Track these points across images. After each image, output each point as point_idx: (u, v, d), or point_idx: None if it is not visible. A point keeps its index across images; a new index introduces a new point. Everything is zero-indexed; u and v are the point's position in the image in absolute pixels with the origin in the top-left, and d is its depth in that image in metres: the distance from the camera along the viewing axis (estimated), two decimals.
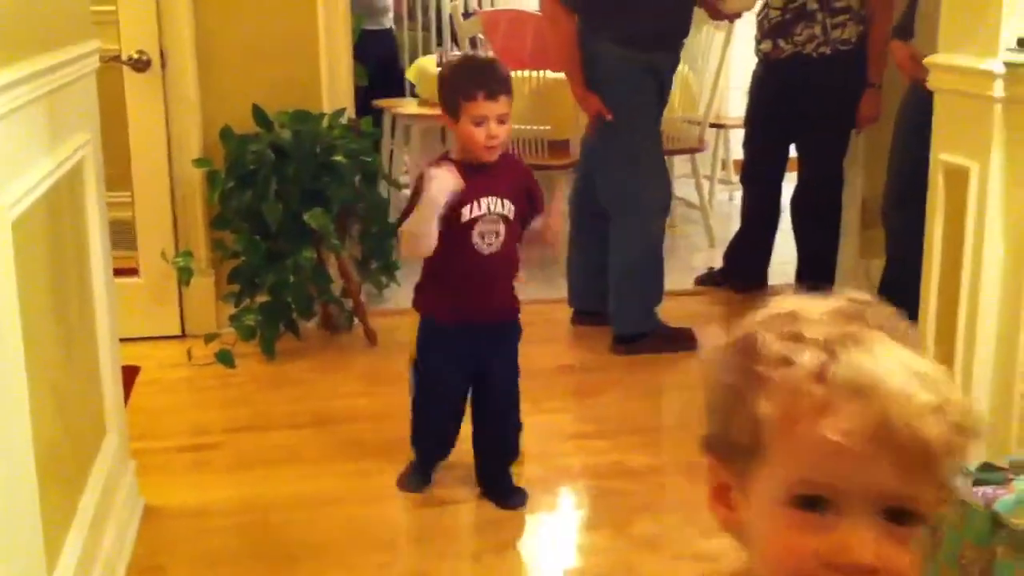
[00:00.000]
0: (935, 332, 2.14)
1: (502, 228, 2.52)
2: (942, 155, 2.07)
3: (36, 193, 1.81)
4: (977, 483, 1.78)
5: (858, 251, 4.34)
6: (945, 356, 2.10)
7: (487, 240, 2.52)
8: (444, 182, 2.41)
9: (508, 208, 2.53)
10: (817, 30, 3.88)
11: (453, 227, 2.48)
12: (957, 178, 2.03)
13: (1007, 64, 1.89)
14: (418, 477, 2.79)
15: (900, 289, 3.90)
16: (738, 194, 5.74)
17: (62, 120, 2.06)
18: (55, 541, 1.84)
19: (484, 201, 2.50)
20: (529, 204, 2.61)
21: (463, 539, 2.66)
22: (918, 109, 3.67)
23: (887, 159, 3.84)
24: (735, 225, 4.65)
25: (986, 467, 1.84)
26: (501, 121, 2.45)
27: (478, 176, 2.49)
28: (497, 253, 2.54)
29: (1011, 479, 1.70)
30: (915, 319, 3.91)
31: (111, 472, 2.34)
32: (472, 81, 2.46)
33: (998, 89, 1.91)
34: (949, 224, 2.08)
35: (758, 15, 4.05)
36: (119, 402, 2.51)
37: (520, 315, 2.70)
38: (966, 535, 1.69)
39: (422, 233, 2.44)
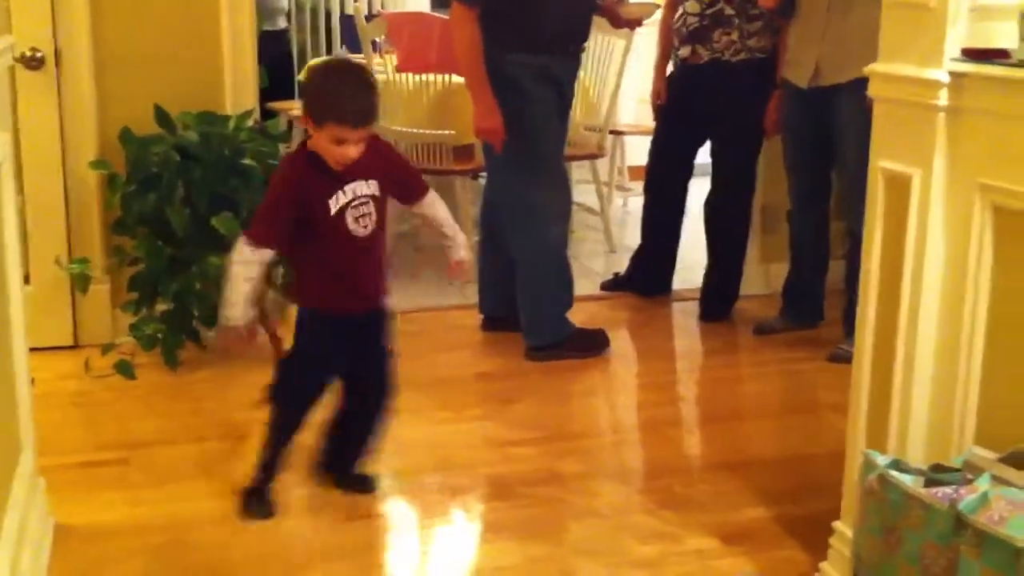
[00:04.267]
0: (874, 337, 2.18)
1: (372, 207, 2.52)
2: (882, 162, 2.11)
3: None
4: (931, 483, 1.82)
5: (759, 255, 4.43)
6: (885, 359, 2.14)
7: (363, 223, 2.52)
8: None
9: (373, 187, 2.53)
10: (735, 35, 3.95)
11: (324, 220, 2.48)
12: (898, 185, 2.08)
13: (952, 74, 1.94)
14: (263, 502, 2.67)
15: (804, 291, 4.04)
16: (632, 200, 5.82)
17: None
18: None
19: (349, 187, 2.49)
20: (395, 183, 2.60)
21: (392, 553, 2.60)
22: (799, 112, 3.78)
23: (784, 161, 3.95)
24: (631, 230, 4.69)
25: (937, 468, 1.88)
26: (360, 141, 2.45)
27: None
28: (372, 234, 2.54)
29: (971, 479, 1.74)
30: (819, 319, 4.04)
31: (27, 491, 2.21)
32: (344, 105, 2.41)
33: (943, 98, 1.95)
34: (889, 230, 2.12)
35: (675, 22, 4.10)
36: (31, 416, 2.37)
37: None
38: (928, 535, 1.72)
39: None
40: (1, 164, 2.08)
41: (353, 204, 2.50)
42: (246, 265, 2.50)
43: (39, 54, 3.53)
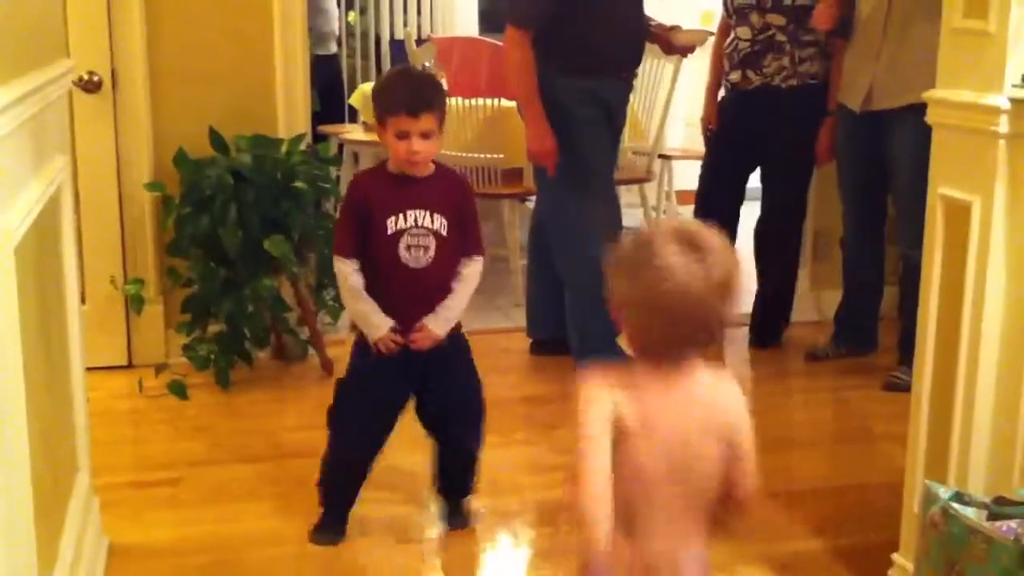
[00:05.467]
0: (933, 366, 2.15)
1: (432, 242, 2.47)
2: (942, 189, 2.09)
3: (30, 219, 1.72)
4: (995, 517, 1.79)
5: (810, 282, 4.39)
6: (945, 390, 2.10)
7: (414, 254, 2.47)
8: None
9: (439, 223, 2.48)
10: (786, 61, 3.93)
11: (379, 239, 2.46)
12: (958, 213, 2.05)
13: (1012, 100, 1.91)
14: (330, 530, 2.67)
15: (857, 318, 4.00)
16: None
17: (45, 142, 1.97)
18: None
19: (411, 213, 2.46)
20: (458, 229, 2.52)
21: None
22: (853, 136, 3.75)
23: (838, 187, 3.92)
24: None
25: (1000, 500, 1.85)
26: (425, 136, 2.42)
27: (408, 187, 2.48)
28: (428, 268, 2.48)
29: None
30: (872, 346, 3.99)
31: (82, 511, 2.23)
32: (397, 95, 2.44)
33: (1003, 125, 1.93)
34: (948, 258, 2.09)
35: (726, 47, 4.09)
36: (87, 436, 2.39)
37: (462, 329, 2.63)
38: (991, 570, 1.69)
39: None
40: (60, 186, 2.11)
41: (410, 231, 2.46)
42: (349, 276, 2.50)
43: (96, 77, 3.59)
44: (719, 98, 4.24)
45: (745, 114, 4.05)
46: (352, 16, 6.72)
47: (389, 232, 2.46)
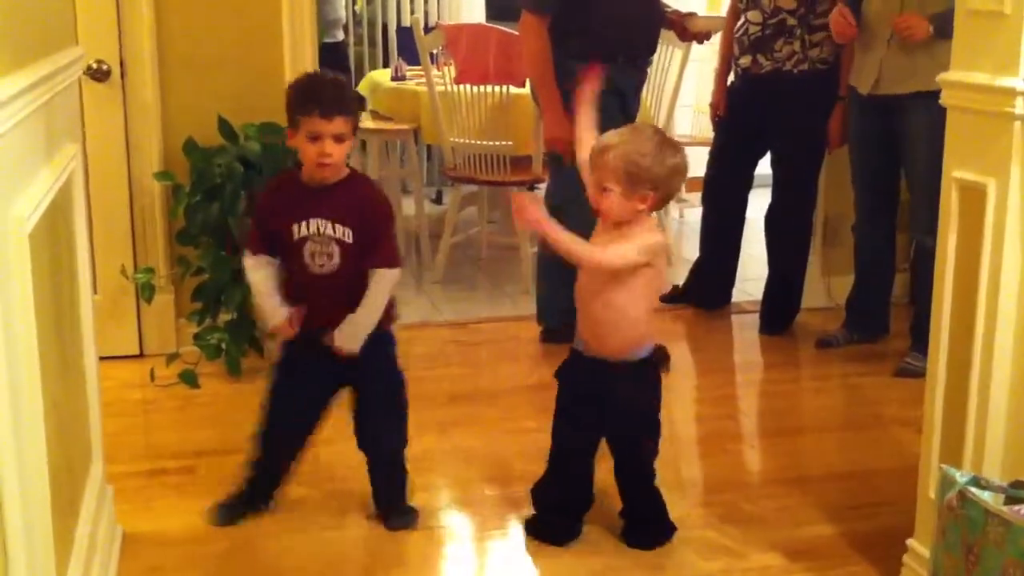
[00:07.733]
0: (948, 350, 2.14)
1: (336, 250, 2.49)
2: (956, 172, 2.08)
3: (42, 207, 1.71)
4: (1012, 501, 1.78)
5: (820, 268, 4.38)
6: (961, 374, 2.10)
7: (318, 261, 2.49)
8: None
9: (341, 232, 2.48)
10: (796, 46, 3.91)
11: (286, 244, 2.50)
12: (973, 195, 2.04)
13: None
14: (225, 511, 2.70)
15: (868, 304, 3.98)
16: (689, 212, 5.78)
17: (56, 130, 1.97)
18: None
19: (313, 222, 2.48)
20: (364, 238, 2.49)
21: (450, 564, 2.59)
22: (864, 120, 3.73)
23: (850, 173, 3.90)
24: (688, 242, 4.62)
25: (1017, 484, 1.84)
26: (337, 140, 2.42)
27: (313, 196, 2.49)
28: (333, 275, 2.50)
29: None
30: (883, 332, 3.98)
31: (96, 500, 2.23)
32: (310, 97, 2.44)
33: (1018, 106, 1.91)
34: (963, 241, 2.08)
35: (736, 31, 4.07)
36: (100, 425, 2.39)
37: (385, 329, 2.62)
38: (1009, 553, 1.68)
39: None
40: (72, 174, 2.11)
41: (313, 238, 2.48)
42: (251, 271, 2.57)
43: (105, 66, 3.59)
44: (728, 83, 4.22)
45: (755, 99, 4.04)
46: (360, 4, 6.71)
47: (294, 239, 2.49)
